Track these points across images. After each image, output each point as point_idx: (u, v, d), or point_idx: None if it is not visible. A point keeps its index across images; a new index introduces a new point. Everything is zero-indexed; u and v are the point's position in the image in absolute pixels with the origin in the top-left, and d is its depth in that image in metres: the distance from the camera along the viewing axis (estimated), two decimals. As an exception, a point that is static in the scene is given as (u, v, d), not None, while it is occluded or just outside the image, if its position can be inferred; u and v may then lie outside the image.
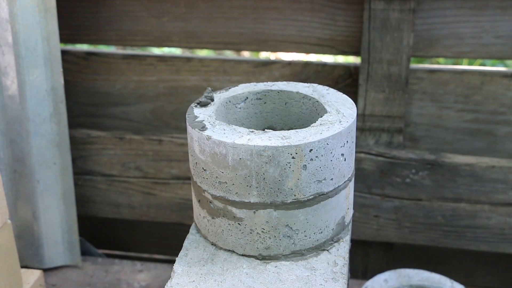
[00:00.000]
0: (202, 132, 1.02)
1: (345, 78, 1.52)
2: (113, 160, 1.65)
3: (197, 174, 1.06)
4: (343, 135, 1.02)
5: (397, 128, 1.49)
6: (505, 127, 1.50)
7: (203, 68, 1.58)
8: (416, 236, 1.57)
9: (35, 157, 1.49)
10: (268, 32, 1.52)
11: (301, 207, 1.02)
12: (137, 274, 1.64)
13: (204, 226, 1.09)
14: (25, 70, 1.42)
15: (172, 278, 1.02)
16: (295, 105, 1.18)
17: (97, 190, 1.70)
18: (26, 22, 1.39)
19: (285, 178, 0.99)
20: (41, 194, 1.53)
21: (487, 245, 1.54)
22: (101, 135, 1.64)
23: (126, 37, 1.59)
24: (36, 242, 1.57)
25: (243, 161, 0.99)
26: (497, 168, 1.47)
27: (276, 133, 1.01)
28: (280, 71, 1.55)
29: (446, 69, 1.49)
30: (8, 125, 1.47)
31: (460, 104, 1.49)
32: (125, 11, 1.56)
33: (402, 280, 1.41)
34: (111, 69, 1.62)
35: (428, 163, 1.49)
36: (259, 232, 1.03)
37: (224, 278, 1.01)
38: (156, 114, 1.64)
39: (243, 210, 1.02)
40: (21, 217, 1.55)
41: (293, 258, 1.05)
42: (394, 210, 1.54)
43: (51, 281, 1.59)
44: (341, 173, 1.04)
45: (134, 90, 1.63)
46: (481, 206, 1.51)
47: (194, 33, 1.55)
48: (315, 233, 1.05)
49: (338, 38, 1.50)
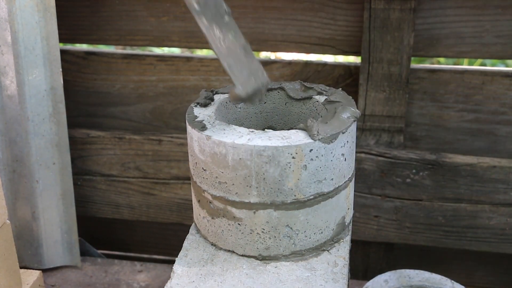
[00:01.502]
0: (202, 132, 1.01)
1: (345, 78, 1.52)
2: (113, 160, 1.65)
3: (197, 174, 1.06)
4: (343, 135, 1.02)
5: (398, 128, 1.49)
6: (506, 127, 1.49)
7: (203, 67, 1.57)
8: (416, 237, 1.56)
9: (35, 157, 1.48)
10: (268, 32, 1.52)
11: (301, 207, 1.01)
12: (137, 274, 1.63)
13: (204, 227, 1.09)
14: (24, 70, 1.42)
15: (172, 278, 1.01)
16: (295, 105, 1.18)
17: (97, 190, 1.69)
18: (25, 22, 1.38)
19: (285, 178, 0.99)
20: (41, 194, 1.52)
21: (488, 245, 1.54)
22: (100, 135, 1.64)
23: (126, 36, 1.59)
24: (36, 242, 1.57)
25: (243, 161, 0.98)
26: (498, 168, 1.46)
27: (276, 133, 1.01)
28: (280, 71, 1.54)
29: (447, 69, 1.48)
30: (7, 125, 1.46)
31: (461, 104, 1.49)
32: (125, 11, 1.56)
33: (402, 280, 1.41)
34: (110, 68, 1.62)
35: (429, 163, 1.49)
36: (259, 232, 1.03)
37: (224, 279, 1.01)
38: (156, 114, 1.64)
39: (243, 210, 1.02)
40: (20, 217, 1.54)
41: (293, 259, 1.05)
42: (395, 210, 1.54)
43: (51, 281, 1.58)
44: (341, 173, 1.04)
45: (133, 90, 1.63)
46: (482, 207, 1.50)
47: (194, 33, 1.55)
48: (315, 233, 1.04)
49: (339, 38, 1.49)
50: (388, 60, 1.43)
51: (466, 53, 1.46)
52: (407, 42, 1.41)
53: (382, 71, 1.44)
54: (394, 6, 1.38)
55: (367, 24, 1.42)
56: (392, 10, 1.39)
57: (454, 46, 1.45)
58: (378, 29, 1.41)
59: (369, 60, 1.44)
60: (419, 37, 1.44)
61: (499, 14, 1.41)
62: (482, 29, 1.42)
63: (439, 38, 1.45)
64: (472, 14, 1.42)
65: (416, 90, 1.49)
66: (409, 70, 1.44)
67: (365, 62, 1.45)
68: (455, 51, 1.46)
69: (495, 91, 1.47)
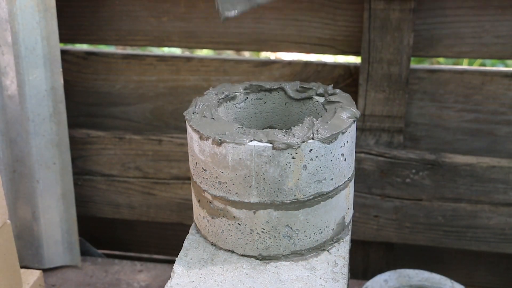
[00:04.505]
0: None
1: (345, 78, 1.52)
2: (113, 160, 1.65)
3: (197, 174, 1.06)
4: (343, 135, 1.02)
5: (397, 128, 1.49)
6: (506, 127, 1.49)
7: (203, 68, 1.58)
8: (416, 236, 1.56)
9: (35, 157, 1.49)
10: (268, 32, 1.52)
11: (301, 207, 1.02)
12: (137, 274, 1.64)
13: (204, 226, 1.09)
14: (24, 70, 1.42)
15: (172, 278, 1.01)
16: (295, 105, 1.18)
17: (97, 190, 1.70)
18: (26, 22, 1.39)
19: (285, 178, 0.99)
20: (41, 194, 1.52)
21: (487, 245, 1.54)
22: (101, 135, 1.64)
23: (126, 37, 1.59)
24: (36, 242, 1.57)
25: (243, 161, 0.98)
26: (498, 168, 1.47)
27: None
28: (280, 71, 1.55)
29: (447, 69, 1.48)
30: (8, 125, 1.46)
31: (461, 104, 1.49)
32: (125, 11, 1.56)
33: (402, 280, 1.41)
34: (110, 69, 1.62)
35: (428, 163, 1.49)
36: (259, 232, 1.03)
37: (224, 279, 1.01)
38: (156, 114, 1.64)
39: (243, 210, 1.02)
40: (20, 217, 1.55)
41: (293, 258, 1.05)
42: (394, 210, 1.54)
43: (51, 281, 1.59)
44: (341, 173, 1.04)
45: (134, 90, 1.63)
46: (481, 206, 1.50)
47: (194, 33, 1.55)
48: (315, 233, 1.05)
49: (338, 38, 1.49)
50: (388, 60, 1.43)
51: (466, 53, 1.46)
52: (407, 42, 1.41)
53: (382, 71, 1.45)
54: (394, 6, 1.39)
55: (367, 24, 1.42)
56: (392, 11, 1.39)
57: (453, 46, 1.45)
58: (378, 29, 1.41)
59: (369, 60, 1.44)
60: (418, 37, 1.45)
61: (498, 15, 1.41)
62: (481, 29, 1.42)
63: (439, 38, 1.45)
64: (471, 14, 1.42)
65: (415, 90, 1.49)
66: (408, 70, 1.44)
67: (365, 62, 1.45)
68: (454, 51, 1.46)
69: (494, 91, 1.47)
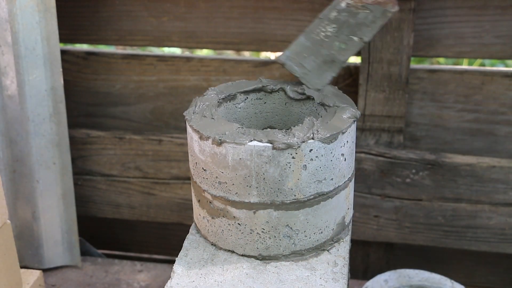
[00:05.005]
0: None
1: (345, 78, 1.52)
2: (113, 160, 1.65)
3: (197, 174, 1.06)
4: (343, 135, 1.02)
5: (397, 128, 1.49)
6: (506, 127, 1.49)
7: (203, 68, 1.58)
8: (416, 236, 1.56)
9: (35, 157, 1.49)
10: (268, 32, 1.52)
11: (301, 207, 1.02)
12: (137, 274, 1.64)
13: (204, 226, 1.09)
14: (24, 70, 1.42)
15: (172, 278, 1.01)
16: (295, 105, 1.18)
17: (97, 190, 1.70)
18: (26, 22, 1.39)
19: (285, 178, 0.99)
20: (41, 194, 1.52)
21: (487, 245, 1.54)
22: (101, 135, 1.64)
23: (126, 37, 1.59)
24: (36, 242, 1.57)
25: (243, 161, 0.98)
26: (498, 168, 1.47)
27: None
28: (280, 71, 1.54)
29: (447, 69, 1.48)
30: (8, 125, 1.46)
31: (461, 104, 1.49)
32: (125, 11, 1.56)
33: (402, 280, 1.41)
34: (111, 69, 1.62)
35: (429, 163, 1.49)
36: (259, 232, 1.03)
37: (224, 279, 1.01)
38: (156, 114, 1.64)
39: (243, 210, 1.02)
40: (20, 217, 1.55)
41: (293, 258, 1.05)
42: (394, 210, 1.54)
43: (51, 281, 1.59)
44: (341, 173, 1.04)
45: (134, 90, 1.63)
46: (481, 206, 1.50)
47: (194, 33, 1.55)
48: (315, 233, 1.05)
49: (338, 38, 1.49)
50: (388, 60, 1.43)
51: (466, 53, 1.46)
52: (407, 42, 1.41)
53: (382, 71, 1.44)
54: (394, 6, 1.38)
55: (367, 24, 1.42)
56: (392, 10, 1.39)
57: (453, 46, 1.45)
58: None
59: (369, 60, 1.44)
60: (418, 37, 1.44)
61: (498, 15, 1.41)
62: (481, 29, 1.42)
63: (439, 38, 1.45)
64: (471, 14, 1.42)
65: (415, 90, 1.49)
66: (408, 70, 1.44)
67: (365, 62, 1.45)
68: (454, 51, 1.46)
69: (494, 91, 1.47)
